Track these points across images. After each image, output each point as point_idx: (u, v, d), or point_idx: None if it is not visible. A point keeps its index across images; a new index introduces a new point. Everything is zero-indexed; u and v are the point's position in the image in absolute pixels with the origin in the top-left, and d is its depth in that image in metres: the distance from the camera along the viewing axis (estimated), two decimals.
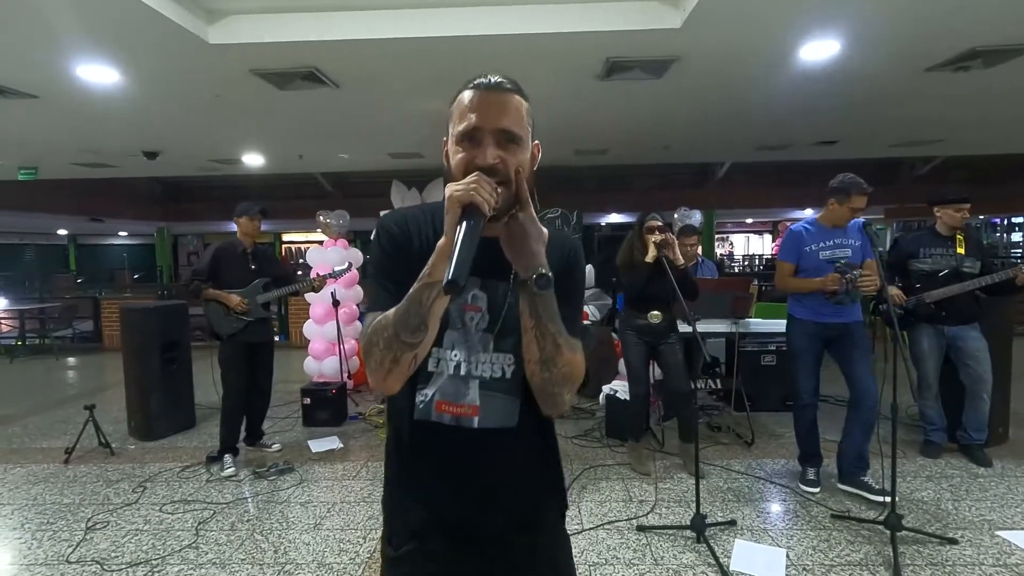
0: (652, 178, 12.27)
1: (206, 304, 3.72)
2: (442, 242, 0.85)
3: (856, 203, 3.04)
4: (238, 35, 3.41)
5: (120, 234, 19.22)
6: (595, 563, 2.55)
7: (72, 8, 2.93)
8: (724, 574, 2.42)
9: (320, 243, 5.85)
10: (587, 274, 5.77)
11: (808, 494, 3.17)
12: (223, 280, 3.74)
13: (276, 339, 4.25)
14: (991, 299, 3.60)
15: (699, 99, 4.92)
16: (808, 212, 13.80)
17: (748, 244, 20.32)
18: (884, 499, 2.95)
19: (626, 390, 4.12)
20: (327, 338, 5.37)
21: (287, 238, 17.09)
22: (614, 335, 5.25)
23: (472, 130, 0.91)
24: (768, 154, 7.99)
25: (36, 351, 9.10)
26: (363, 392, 5.62)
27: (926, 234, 3.65)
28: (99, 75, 3.87)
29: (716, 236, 16.33)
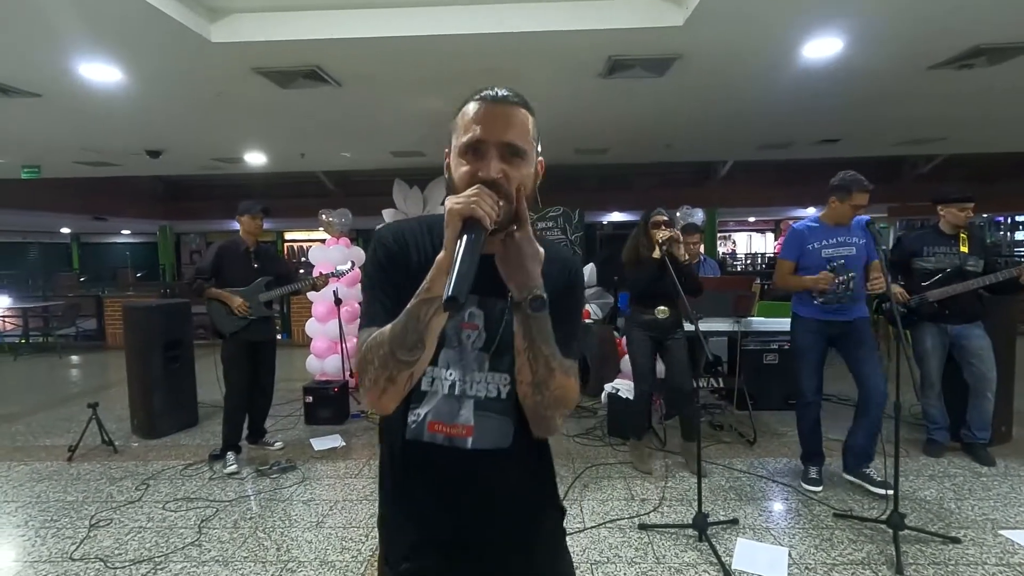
0: (653, 177, 12.24)
1: (209, 302, 3.74)
2: (441, 256, 0.82)
3: (857, 200, 3.03)
4: (240, 33, 3.41)
5: (123, 233, 19.24)
6: (597, 561, 2.56)
7: (74, 7, 2.93)
8: (726, 573, 2.42)
9: (322, 242, 5.86)
10: (589, 273, 5.78)
11: (810, 493, 3.17)
12: (226, 278, 3.75)
13: (278, 337, 4.25)
14: (994, 297, 3.59)
15: (701, 98, 4.90)
16: (810, 210, 13.76)
17: (750, 243, 20.26)
18: (886, 492, 2.96)
19: (628, 389, 4.12)
20: (329, 336, 5.38)
21: (289, 237, 17.08)
22: (615, 333, 5.26)
23: (476, 142, 0.89)
24: (770, 153, 7.96)
25: (39, 349, 9.13)
26: None
27: (929, 233, 3.64)
28: (101, 74, 3.88)
29: (718, 235, 16.30)
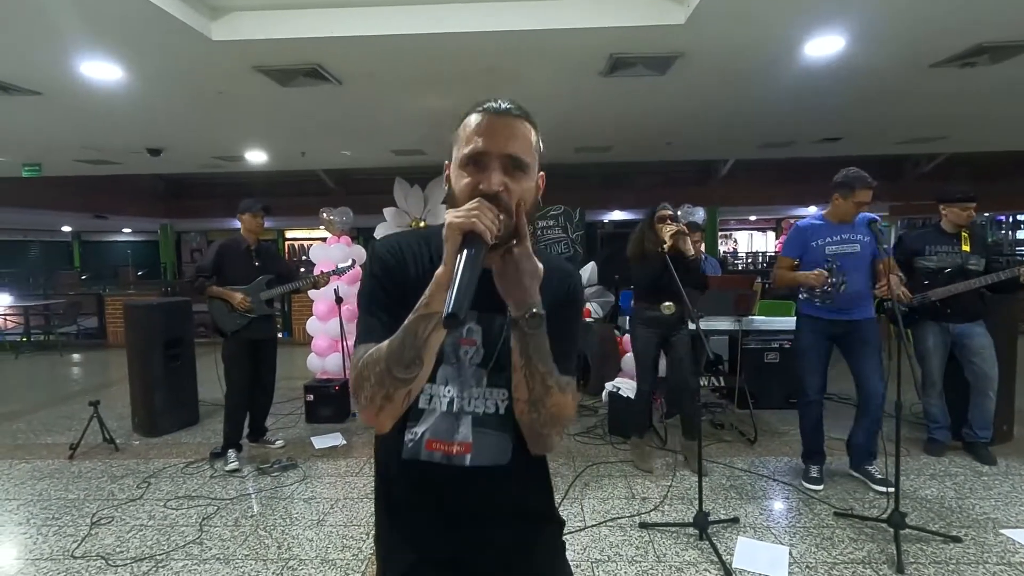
0: (655, 175, 12.22)
1: (210, 301, 3.74)
2: (440, 271, 0.81)
3: (860, 197, 3.03)
4: (241, 32, 3.41)
5: (124, 231, 19.26)
6: (598, 560, 2.56)
7: (75, 5, 2.92)
8: (727, 572, 2.42)
9: (323, 240, 5.86)
10: (590, 271, 5.77)
11: (811, 492, 3.17)
12: (227, 277, 3.76)
13: (279, 336, 4.26)
14: (996, 296, 3.58)
15: (702, 96, 4.89)
16: (812, 209, 13.74)
17: (752, 241, 20.24)
18: (886, 490, 2.96)
19: (628, 387, 4.12)
20: (330, 335, 5.37)
21: (290, 235, 17.09)
22: (616, 332, 5.25)
23: (478, 154, 0.88)
24: (771, 151, 7.95)
25: (41, 347, 9.14)
26: None
27: (931, 231, 3.64)
28: (102, 72, 3.87)
29: (719, 233, 16.29)
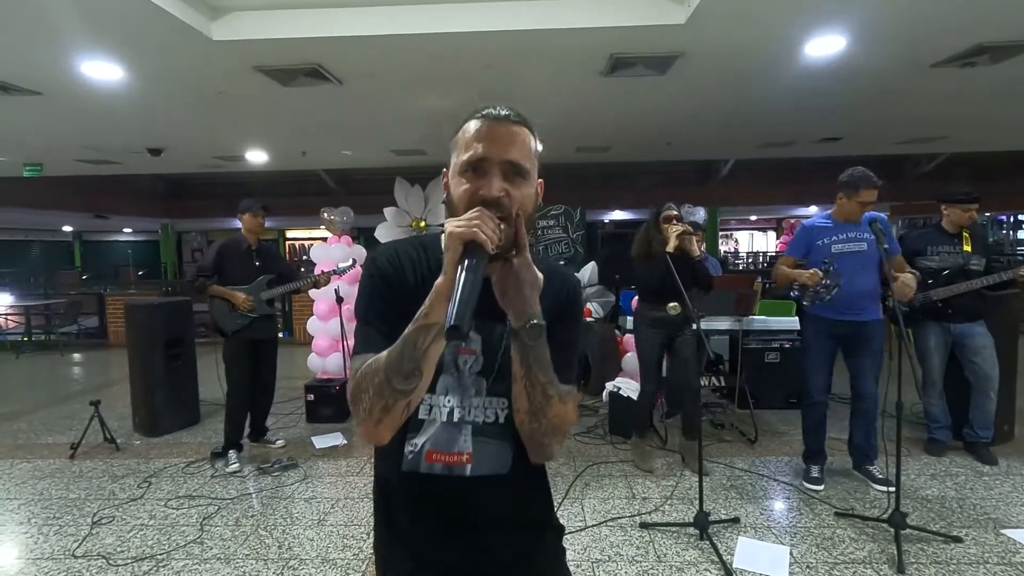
0: (655, 175, 12.23)
1: (211, 300, 3.74)
2: (441, 281, 0.79)
3: (864, 197, 3.02)
4: (242, 32, 3.41)
5: (124, 231, 19.28)
6: (598, 560, 2.56)
7: (75, 5, 2.93)
8: (727, 571, 2.42)
9: (324, 240, 5.86)
10: (591, 271, 5.77)
11: (812, 492, 3.17)
12: (228, 277, 3.76)
13: (280, 335, 4.26)
14: (996, 296, 3.58)
15: (703, 96, 4.89)
16: (812, 209, 13.74)
17: (752, 241, 20.25)
18: (887, 489, 2.95)
19: (629, 387, 4.12)
20: (331, 335, 5.37)
21: (291, 235, 17.11)
22: (617, 332, 5.25)
23: (478, 160, 0.87)
24: (772, 151, 7.95)
25: (42, 347, 9.14)
26: None
27: (932, 231, 3.63)
28: (103, 72, 3.88)
29: (720, 233, 16.28)
